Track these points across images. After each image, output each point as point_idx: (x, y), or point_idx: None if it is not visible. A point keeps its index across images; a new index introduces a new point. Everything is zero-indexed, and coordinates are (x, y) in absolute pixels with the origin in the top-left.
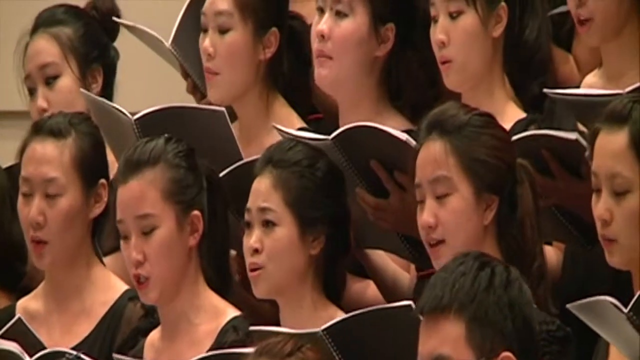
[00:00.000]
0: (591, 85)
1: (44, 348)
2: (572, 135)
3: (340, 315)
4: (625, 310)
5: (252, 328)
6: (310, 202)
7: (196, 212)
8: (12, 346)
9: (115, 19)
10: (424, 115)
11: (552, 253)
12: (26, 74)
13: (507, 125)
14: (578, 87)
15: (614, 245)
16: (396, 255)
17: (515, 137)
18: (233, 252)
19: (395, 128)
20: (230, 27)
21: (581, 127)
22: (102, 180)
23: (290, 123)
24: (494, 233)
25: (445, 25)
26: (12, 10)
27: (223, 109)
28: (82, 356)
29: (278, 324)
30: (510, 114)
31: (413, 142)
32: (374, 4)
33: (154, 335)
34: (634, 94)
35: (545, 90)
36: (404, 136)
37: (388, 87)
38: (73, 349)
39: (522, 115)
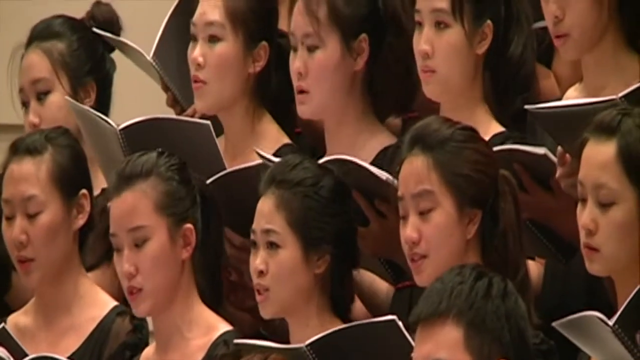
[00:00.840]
0: (572, 99)
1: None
2: (541, 150)
3: None
4: (611, 324)
5: (236, 341)
6: (314, 222)
7: (189, 225)
8: None
9: (96, 30)
10: (408, 125)
11: (534, 267)
12: (20, 87)
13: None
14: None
15: (596, 254)
16: (376, 276)
17: None
18: None
19: (381, 143)
20: (221, 37)
21: None
22: (84, 191)
23: (276, 139)
24: (477, 246)
25: (430, 35)
26: (6, 19)
27: (208, 122)
28: None
29: (258, 336)
30: (487, 128)
31: (394, 181)
32: (341, 26)
33: (149, 350)
34: (623, 106)
35: (526, 106)
36: (384, 175)
37: (372, 99)
38: None
39: (500, 129)
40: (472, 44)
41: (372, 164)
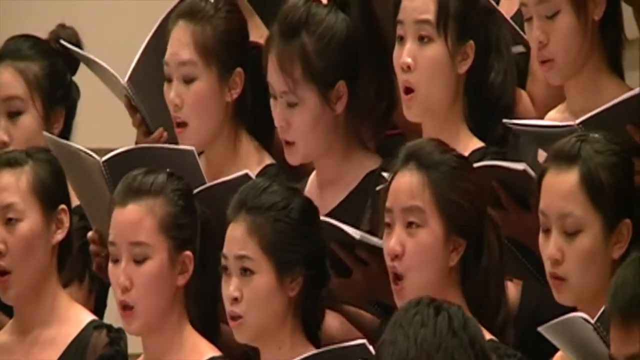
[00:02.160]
0: (554, 121)
1: None
2: (520, 166)
3: None
4: (592, 322)
5: None
6: (287, 245)
7: (188, 253)
8: None
9: (64, 43)
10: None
11: (512, 289)
12: None
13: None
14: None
15: (564, 284)
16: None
17: None
18: None
19: (367, 168)
20: (195, 76)
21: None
22: (63, 206)
23: (259, 160)
24: (458, 277)
25: (413, 49)
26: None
27: (192, 148)
28: None
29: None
30: (467, 144)
31: (370, 239)
32: (317, 80)
33: None
34: (579, 133)
35: (504, 120)
36: (357, 234)
37: (355, 132)
38: None
39: (479, 144)
40: (453, 61)
41: (358, 187)
